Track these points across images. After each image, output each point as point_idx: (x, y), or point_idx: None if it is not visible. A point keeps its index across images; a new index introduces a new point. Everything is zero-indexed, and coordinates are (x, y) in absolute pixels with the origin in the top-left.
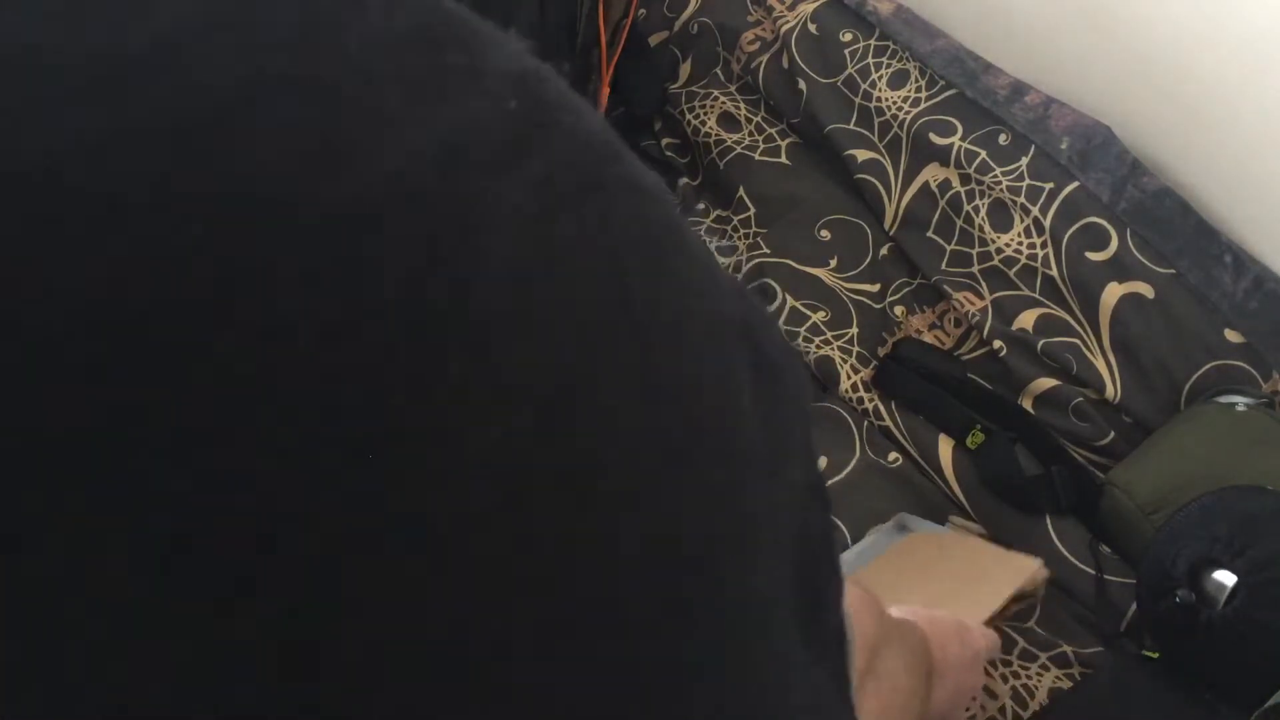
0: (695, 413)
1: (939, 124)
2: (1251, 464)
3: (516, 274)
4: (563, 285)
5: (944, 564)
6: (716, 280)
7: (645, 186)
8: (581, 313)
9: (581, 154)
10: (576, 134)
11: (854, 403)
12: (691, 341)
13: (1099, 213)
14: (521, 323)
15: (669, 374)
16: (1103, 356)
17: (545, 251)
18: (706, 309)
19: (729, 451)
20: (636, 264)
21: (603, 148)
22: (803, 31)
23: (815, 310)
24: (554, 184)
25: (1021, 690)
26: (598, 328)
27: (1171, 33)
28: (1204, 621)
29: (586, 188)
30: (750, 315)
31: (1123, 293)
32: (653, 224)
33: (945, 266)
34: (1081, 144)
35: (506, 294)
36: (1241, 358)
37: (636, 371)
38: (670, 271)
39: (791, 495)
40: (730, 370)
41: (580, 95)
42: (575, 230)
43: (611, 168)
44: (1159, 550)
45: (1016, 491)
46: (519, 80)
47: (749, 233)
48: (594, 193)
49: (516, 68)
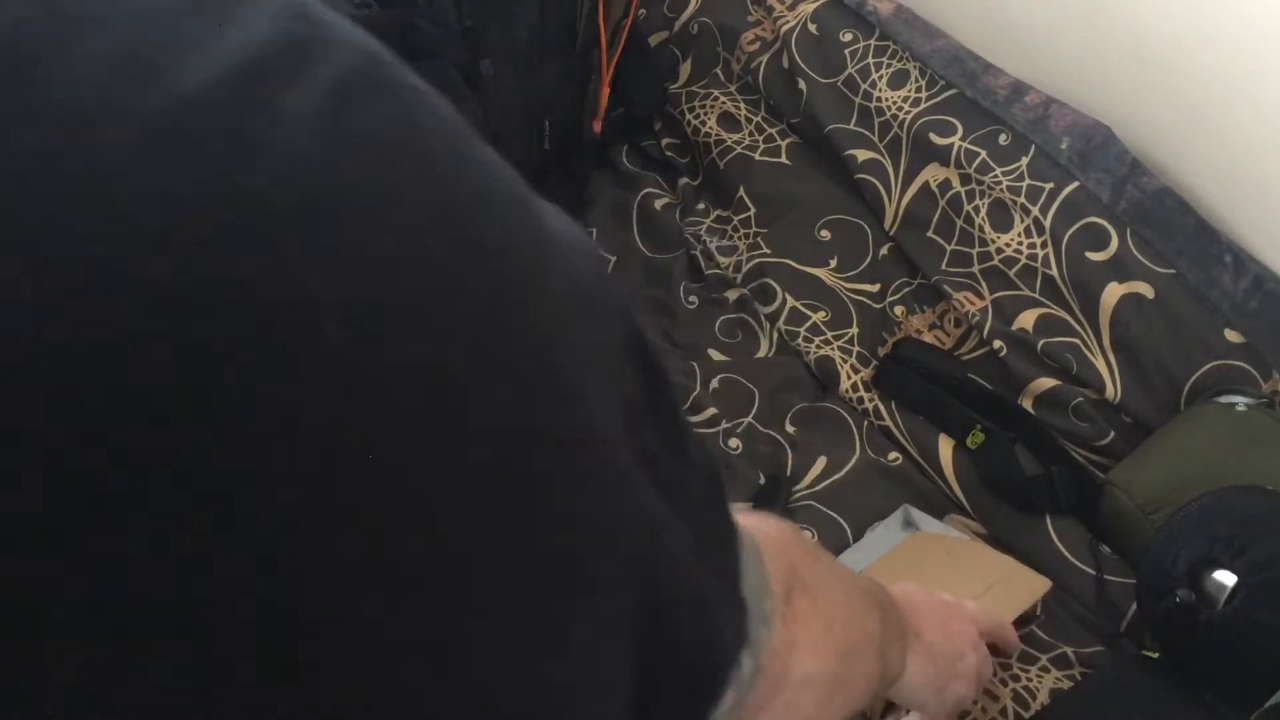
0: (506, 274)
1: (939, 124)
2: (1251, 464)
3: (317, 163)
4: (369, 166)
5: (952, 574)
6: (503, 162)
7: (423, 87)
8: (391, 188)
9: (361, 59)
10: (351, 44)
11: (854, 403)
12: (497, 208)
13: (1099, 213)
14: (330, 203)
15: (479, 237)
16: (1103, 356)
17: (345, 142)
18: (507, 179)
19: (543, 291)
20: (436, 143)
21: (377, 53)
22: (803, 31)
23: (815, 310)
24: (345, 85)
25: (1022, 692)
26: (408, 201)
27: (1171, 33)
28: (1204, 621)
29: (374, 87)
30: (519, 189)
31: (1123, 293)
32: (443, 112)
33: (945, 266)
34: (1081, 144)
35: (314, 180)
36: (1241, 358)
37: (450, 237)
38: (468, 150)
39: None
40: (535, 224)
41: (581, 94)
42: (375, 119)
43: (390, 70)
44: (1159, 550)
45: (1016, 491)
46: (290, 4)
47: (749, 233)
48: (382, 89)
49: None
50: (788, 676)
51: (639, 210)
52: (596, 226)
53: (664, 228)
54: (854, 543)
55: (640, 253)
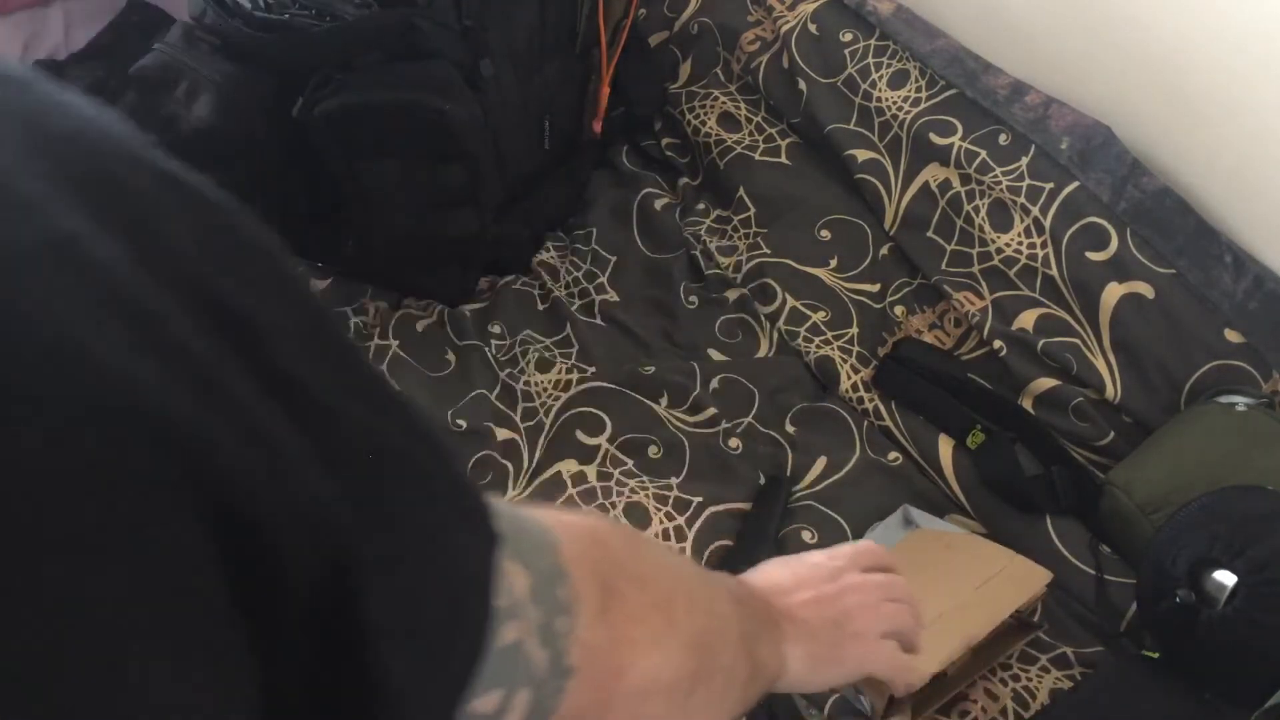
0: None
1: (939, 124)
2: (1251, 464)
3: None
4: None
5: (952, 568)
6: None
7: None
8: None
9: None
10: None
11: (854, 403)
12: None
13: (1099, 213)
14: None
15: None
16: (1103, 356)
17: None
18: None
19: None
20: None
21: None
22: (803, 31)
23: (815, 310)
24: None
25: (1022, 692)
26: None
27: (1171, 33)
28: (1204, 621)
29: None
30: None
31: (1123, 293)
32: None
33: (945, 266)
34: (1081, 144)
35: None
36: (1241, 358)
37: None
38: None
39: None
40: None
41: (581, 94)
42: None
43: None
44: (1159, 550)
45: (1016, 491)
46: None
47: (749, 233)
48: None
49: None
50: (622, 679)
51: (639, 210)
52: (596, 226)
53: (664, 228)
54: (854, 542)
55: (640, 253)
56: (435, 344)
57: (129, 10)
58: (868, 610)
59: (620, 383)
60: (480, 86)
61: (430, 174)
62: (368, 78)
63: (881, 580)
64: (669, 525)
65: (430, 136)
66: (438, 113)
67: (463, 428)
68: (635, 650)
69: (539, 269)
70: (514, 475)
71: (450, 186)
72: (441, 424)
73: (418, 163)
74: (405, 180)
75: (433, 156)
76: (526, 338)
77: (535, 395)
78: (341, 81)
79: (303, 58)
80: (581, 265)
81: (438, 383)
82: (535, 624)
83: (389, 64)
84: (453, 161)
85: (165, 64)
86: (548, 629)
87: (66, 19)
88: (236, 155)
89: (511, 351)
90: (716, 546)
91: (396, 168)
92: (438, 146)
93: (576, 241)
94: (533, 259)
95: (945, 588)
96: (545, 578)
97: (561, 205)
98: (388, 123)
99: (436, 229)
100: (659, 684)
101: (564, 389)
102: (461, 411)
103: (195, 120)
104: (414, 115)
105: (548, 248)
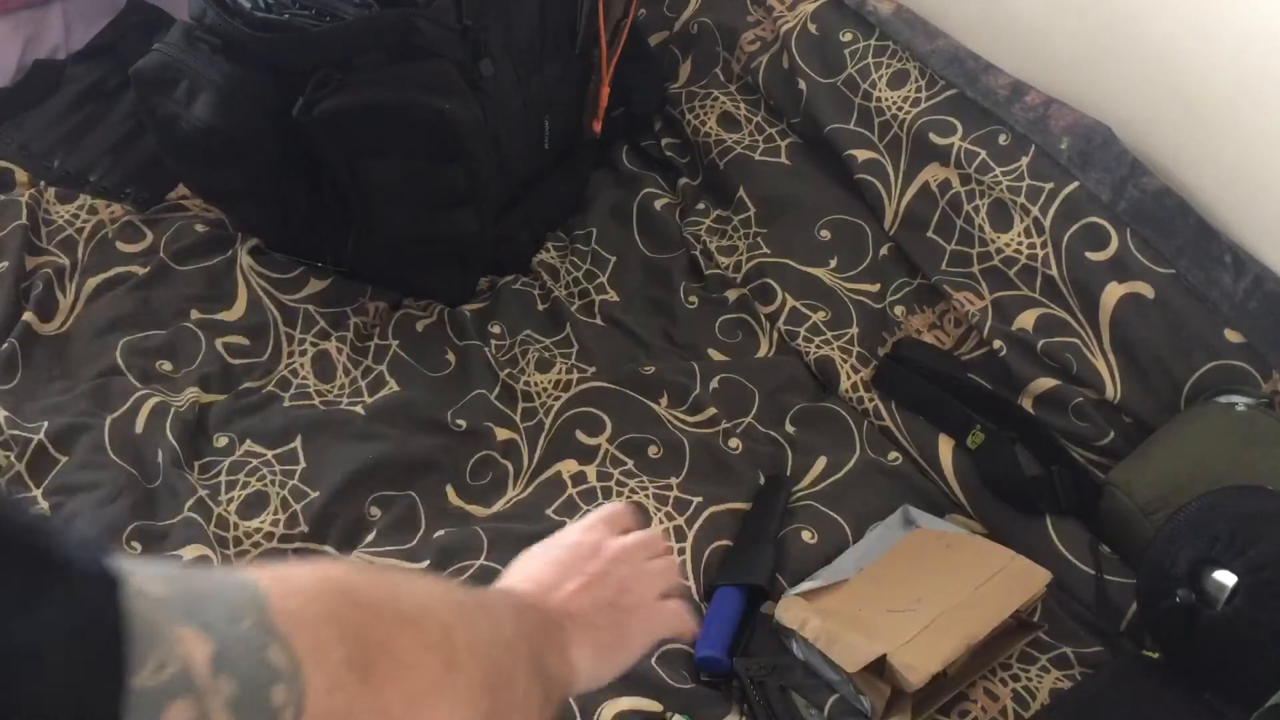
0: None
1: (939, 124)
2: (1251, 464)
3: None
4: None
5: (953, 568)
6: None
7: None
8: None
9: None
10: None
11: (854, 403)
12: None
13: (1099, 213)
14: None
15: None
16: (1103, 356)
17: None
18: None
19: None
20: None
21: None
22: (803, 31)
23: (815, 310)
24: None
25: (1022, 692)
26: None
27: (1171, 33)
28: (1204, 621)
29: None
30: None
31: (1123, 293)
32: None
33: (945, 266)
34: (1081, 144)
35: None
36: (1241, 358)
37: None
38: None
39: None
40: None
41: (581, 94)
42: None
43: None
44: (1159, 550)
45: (1016, 491)
46: None
47: (749, 233)
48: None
49: None
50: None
51: (639, 210)
52: (596, 226)
53: (664, 228)
54: (854, 543)
55: (640, 253)
56: (435, 344)
57: (129, 10)
58: (639, 577)
59: (620, 383)
60: (480, 86)
61: (430, 174)
62: (367, 78)
63: (641, 539)
64: (669, 525)
65: (430, 136)
66: (438, 113)
67: (463, 428)
68: (414, 708)
69: (539, 269)
70: (514, 475)
71: (450, 186)
72: (441, 424)
73: (418, 163)
74: (405, 180)
75: (433, 156)
76: (526, 338)
77: (535, 395)
78: (341, 81)
79: (303, 58)
80: (581, 265)
81: (438, 383)
82: (225, 698)
83: (389, 64)
84: (453, 161)
85: (165, 64)
86: (249, 703)
87: (66, 19)
88: (236, 155)
89: (511, 351)
90: (716, 546)
91: (396, 168)
92: (438, 146)
93: (576, 241)
94: (533, 259)
95: (945, 588)
96: (239, 643)
97: (561, 205)
98: (388, 122)
99: (436, 229)
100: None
101: (564, 389)
102: (461, 411)
103: (195, 120)
104: (414, 115)
105: (548, 248)
